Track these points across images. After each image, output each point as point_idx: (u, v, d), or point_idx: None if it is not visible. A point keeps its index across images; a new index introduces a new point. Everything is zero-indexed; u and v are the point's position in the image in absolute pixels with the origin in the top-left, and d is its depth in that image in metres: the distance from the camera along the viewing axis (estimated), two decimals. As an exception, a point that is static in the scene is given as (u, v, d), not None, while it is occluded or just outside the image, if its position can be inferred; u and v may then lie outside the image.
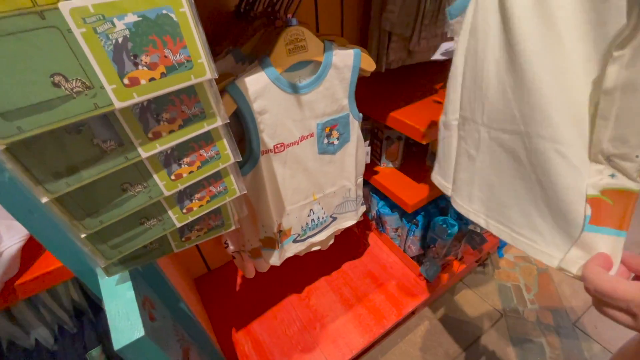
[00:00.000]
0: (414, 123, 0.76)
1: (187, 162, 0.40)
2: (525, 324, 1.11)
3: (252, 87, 0.49)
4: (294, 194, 0.67)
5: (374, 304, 1.00)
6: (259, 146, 0.55)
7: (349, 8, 0.88)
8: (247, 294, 1.06)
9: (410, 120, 0.77)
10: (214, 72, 0.35)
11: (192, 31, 0.32)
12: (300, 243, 0.77)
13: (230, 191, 0.48)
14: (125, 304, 0.46)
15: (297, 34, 0.50)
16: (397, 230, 1.10)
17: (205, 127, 0.39)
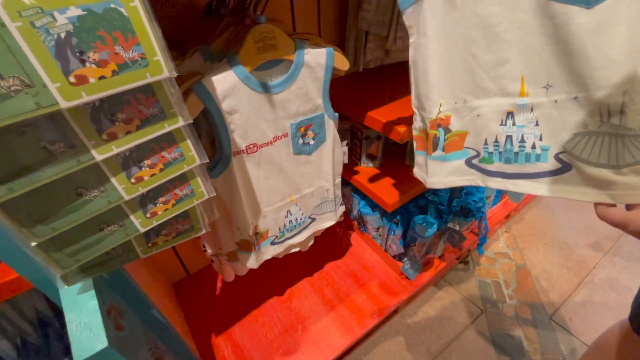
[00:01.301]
0: (391, 123, 0.76)
1: (148, 165, 0.39)
2: (504, 318, 1.13)
3: (220, 86, 0.47)
4: (270, 195, 0.65)
5: (356, 304, 1.00)
6: (230, 147, 0.54)
7: (325, 7, 0.88)
8: (227, 298, 1.04)
9: (387, 119, 0.77)
10: (173, 70, 0.34)
11: (145, 27, 0.30)
12: (279, 245, 0.76)
13: (198, 194, 0.46)
14: (88, 313, 0.44)
15: (266, 32, 0.48)
16: (378, 230, 1.10)
17: (166, 127, 0.37)
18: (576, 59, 0.33)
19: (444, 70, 0.44)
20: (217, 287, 1.08)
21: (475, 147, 0.45)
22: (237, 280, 0.87)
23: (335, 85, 0.62)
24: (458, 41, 0.41)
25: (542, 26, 0.35)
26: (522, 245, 1.39)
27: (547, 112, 0.38)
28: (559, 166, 0.38)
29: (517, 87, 0.39)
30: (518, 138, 0.41)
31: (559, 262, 1.31)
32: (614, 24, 0.31)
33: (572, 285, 1.23)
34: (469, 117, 0.44)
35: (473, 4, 0.39)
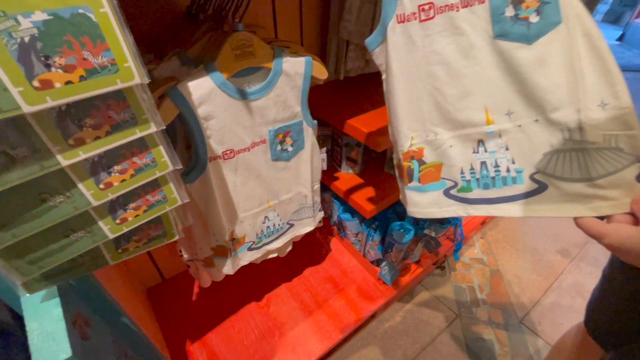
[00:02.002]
0: (369, 131, 0.77)
1: (118, 170, 0.38)
2: (478, 322, 1.17)
3: (196, 91, 0.47)
4: (247, 201, 0.65)
5: (334, 310, 1.01)
6: (205, 152, 0.53)
7: (308, 15, 0.89)
8: (203, 304, 1.03)
9: (366, 128, 0.79)
10: (145, 76, 0.33)
11: (115, 33, 0.30)
12: (256, 251, 0.75)
13: (171, 200, 0.45)
14: (51, 322, 0.43)
15: (245, 39, 0.49)
16: (357, 235, 1.11)
17: (137, 133, 0.37)
18: (529, 86, 0.38)
19: (413, 106, 0.46)
20: (194, 293, 1.06)
21: (451, 177, 0.46)
22: (214, 286, 0.85)
23: (316, 92, 0.63)
24: (422, 77, 0.44)
25: (494, 61, 0.39)
26: (496, 251, 1.44)
27: (513, 136, 0.41)
28: (535, 186, 0.41)
29: (482, 116, 0.42)
30: (492, 163, 0.43)
31: (529, 267, 1.36)
32: (552, 55, 0.36)
33: (542, 290, 1.28)
34: (442, 148, 0.46)
35: (431, 43, 0.42)
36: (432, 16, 0.41)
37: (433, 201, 0.48)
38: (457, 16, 0.39)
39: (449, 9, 0.40)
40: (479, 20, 0.39)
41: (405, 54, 0.44)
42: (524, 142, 0.40)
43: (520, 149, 0.41)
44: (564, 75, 0.35)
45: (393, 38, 0.43)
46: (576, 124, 0.36)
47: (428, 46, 0.42)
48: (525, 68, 0.37)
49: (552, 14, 0.35)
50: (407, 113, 0.47)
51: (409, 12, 0.42)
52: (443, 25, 0.40)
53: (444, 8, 0.40)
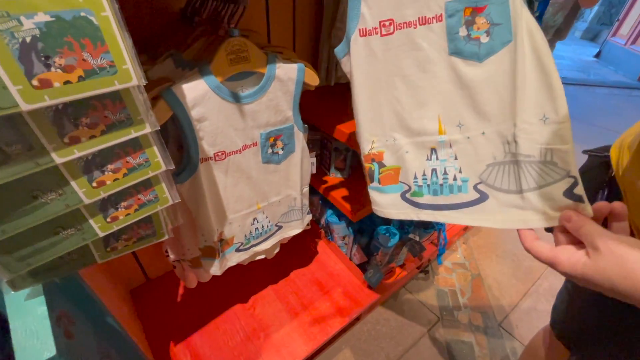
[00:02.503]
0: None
1: (111, 169, 0.38)
2: (459, 326, 1.20)
3: (190, 94, 0.48)
4: (237, 202, 0.66)
5: (319, 312, 1.02)
6: (197, 153, 0.54)
7: (301, 22, 0.91)
8: (188, 305, 1.02)
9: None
10: (142, 78, 0.34)
11: (115, 36, 0.31)
12: (244, 252, 0.76)
13: (162, 200, 0.46)
14: (35, 320, 0.42)
15: (239, 44, 0.50)
16: (344, 239, 1.13)
17: (132, 133, 0.37)
18: (478, 101, 0.41)
19: (374, 112, 0.48)
20: (178, 294, 1.05)
21: (406, 181, 0.49)
22: (199, 287, 0.85)
23: (307, 97, 0.65)
24: (383, 87, 0.47)
25: (448, 75, 0.42)
26: (478, 256, 1.48)
27: (462, 147, 0.44)
28: (477, 196, 0.43)
29: (435, 126, 0.45)
30: (441, 171, 0.46)
31: (509, 272, 1.41)
32: (500, 73, 0.39)
33: (520, 294, 1.32)
34: (399, 153, 0.49)
35: (391, 57, 0.44)
36: (392, 32, 0.43)
37: (392, 202, 0.51)
38: (415, 33, 0.42)
39: (407, 26, 0.42)
40: (436, 37, 0.41)
41: (367, 65, 0.46)
42: (471, 152, 0.43)
43: (468, 159, 0.44)
44: (509, 91, 0.38)
45: (356, 50, 0.46)
46: (512, 137, 0.39)
47: (388, 59, 0.45)
48: (475, 84, 0.40)
49: (503, 34, 0.38)
50: (369, 118, 0.49)
51: (370, 27, 0.44)
52: (402, 40, 0.43)
53: (403, 25, 0.42)
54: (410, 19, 0.42)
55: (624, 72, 3.59)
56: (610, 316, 0.51)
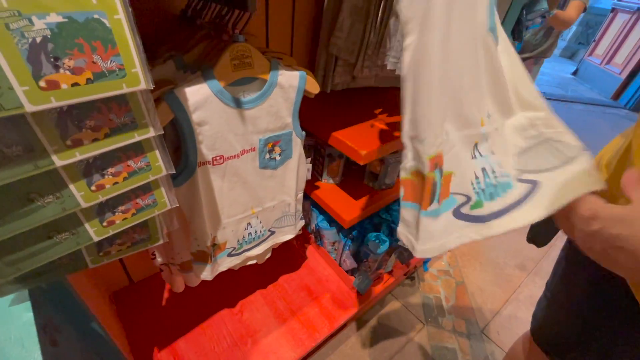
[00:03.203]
0: (353, 145, 0.80)
1: (111, 173, 0.37)
2: (443, 332, 1.22)
3: (192, 97, 0.47)
4: (232, 207, 0.65)
5: (308, 318, 1.01)
6: (196, 157, 0.53)
7: (299, 29, 0.91)
8: (174, 309, 0.99)
9: (350, 141, 0.81)
10: (150, 82, 0.34)
11: (127, 39, 0.30)
12: (236, 257, 0.75)
13: (160, 204, 0.45)
14: (21, 327, 0.41)
15: (244, 50, 0.50)
16: (334, 244, 1.14)
17: (135, 137, 0.36)
18: (498, 89, 0.37)
19: (452, 82, 0.36)
20: (163, 298, 1.02)
21: (463, 191, 0.37)
22: (185, 291, 0.83)
23: (303, 103, 0.65)
24: (464, 47, 0.35)
25: (485, 56, 0.36)
26: (462, 263, 1.52)
27: (495, 140, 0.38)
28: (529, 186, 0.36)
29: (479, 115, 0.36)
30: (491, 169, 0.37)
31: (491, 280, 1.45)
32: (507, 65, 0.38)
33: (501, 301, 1.36)
34: (451, 153, 0.37)
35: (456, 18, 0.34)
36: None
37: (445, 228, 0.38)
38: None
39: None
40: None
41: (450, 8, 0.34)
42: (502, 145, 0.37)
43: (501, 152, 0.37)
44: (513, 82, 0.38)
45: None
46: (528, 122, 0.37)
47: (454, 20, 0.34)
48: (499, 71, 0.36)
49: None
50: (441, 96, 0.36)
51: None
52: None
53: None
54: None
55: (599, 90, 3.78)
56: (587, 323, 0.53)
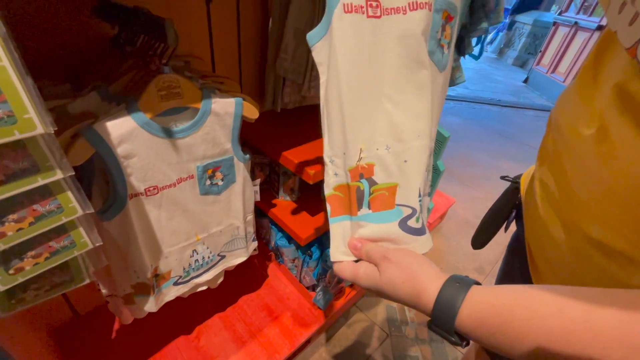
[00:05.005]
0: (303, 163, 0.81)
1: (13, 219, 0.35)
2: (406, 341, 1.25)
3: (115, 131, 0.46)
4: (173, 235, 0.64)
5: (268, 339, 1.00)
6: (125, 190, 0.52)
7: (246, 50, 0.91)
8: (125, 341, 0.94)
9: (300, 160, 0.82)
10: (49, 125, 0.32)
11: (14, 86, 0.29)
12: (183, 285, 0.73)
13: (80, 244, 0.43)
14: None
15: (171, 81, 0.49)
16: (294, 261, 1.13)
17: (39, 181, 0.35)
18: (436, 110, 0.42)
19: (362, 110, 0.39)
20: (113, 329, 0.97)
21: (409, 203, 0.39)
22: (137, 320, 0.80)
23: (255, 124, 0.65)
24: (371, 78, 0.38)
25: (430, 77, 0.38)
26: (424, 270, 1.56)
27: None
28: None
29: (427, 126, 0.39)
30: (428, 182, 0.40)
31: (451, 285, 1.50)
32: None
33: (461, 305, 1.41)
34: (395, 165, 0.39)
35: (380, 44, 0.37)
36: (379, 15, 0.36)
37: (388, 236, 0.39)
38: (405, 20, 0.36)
39: (395, 12, 0.36)
40: (423, 29, 0.36)
41: (355, 48, 0.37)
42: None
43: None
44: None
45: (340, 28, 0.37)
46: None
47: (377, 46, 0.37)
48: (437, 94, 0.40)
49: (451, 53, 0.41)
50: (356, 118, 0.39)
51: (356, 3, 0.36)
52: (390, 28, 0.36)
53: (391, 10, 0.36)
54: (399, 4, 0.36)
55: (547, 97, 4.08)
56: None
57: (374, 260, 0.36)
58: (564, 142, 0.36)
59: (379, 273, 0.35)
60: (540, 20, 4.87)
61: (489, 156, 2.65)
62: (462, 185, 2.20)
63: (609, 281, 0.31)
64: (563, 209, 0.35)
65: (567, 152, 0.35)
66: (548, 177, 0.38)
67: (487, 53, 6.05)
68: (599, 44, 0.34)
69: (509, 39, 5.68)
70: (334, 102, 0.39)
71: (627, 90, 0.27)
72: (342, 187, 0.41)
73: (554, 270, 0.39)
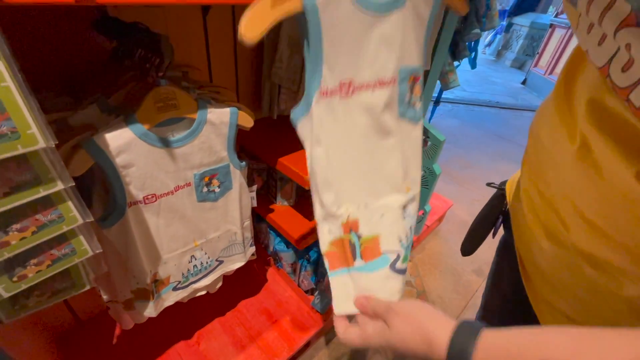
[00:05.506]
0: (298, 170, 0.83)
1: (17, 229, 0.37)
2: (405, 343, 1.25)
3: (114, 142, 0.48)
4: (171, 242, 0.65)
5: (267, 342, 1.01)
6: (124, 198, 0.53)
7: (243, 59, 0.94)
8: (126, 346, 0.96)
9: (296, 167, 0.84)
10: (50, 140, 0.34)
11: (18, 104, 0.31)
12: (182, 290, 0.74)
13: (80, 252, 0.45)
14: None
15: (167, 93, 0.51)
16: (292, 266, 1.14)
17: (41, 192, 0.36)
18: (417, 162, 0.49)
19: (342, 175, 0.45)
20: (114, 335, 0.98)
21: (394, 248, 0.46)
22: (138, 326, 0.81)
23: (251, 130, 0.66)
24: (349, 148, 0.45)
25: (400, 136, 0.46)
26: (422, 272, 1.57)
27: (414, 204, 0.49)
28: None
29: (399, 182, 0.47)
30: (412, 227, 0.49)
31: (450, 287, 1.51)
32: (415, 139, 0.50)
33: (460, 308, 1.42)
34: (374, 219, 0.45)
35: (352, 118, 0.44)
36: (352, 93, 0.43)
37: (382, 281, 0.45)
38: (373, 95, 0.43)
39: (365, 88, 0.43)
40: (390, 99, 0.44)
41: (331, 125, 0.44)
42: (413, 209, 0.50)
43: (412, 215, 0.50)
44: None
45: (318, 110, 0.43)
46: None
47: (349, 121, 0.44)
48: (415, 148, 0.47)
49: (422, 105, 0.46)
50: (340, 182, 0.45)
51: (331, 87, 0.42)
52: (361, 102, 0.43)
53: (361, 87, 0.43)
54: (368, 81, 0.42)
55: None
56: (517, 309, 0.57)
57: (380, 315, 0.37)
58: (546, 154, 0.37)
59: (387, 327, 0.35)
60: (537, 22, 4.89)
61: (488, 158, 2.66)
62: (460, 188, 2.21)
63: (599, 291, 0.32)
64: (550, 221, 0.35)
65: (550, 164, 0.36)
66: (533, 189, 0.39)
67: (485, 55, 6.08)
68: (571, 60, 0.35)
69: (506, 41, 5.71)
70: (319, 170, 0.45)
71: (603, 106, 0.27)
72: (336, 242, 0.47)
73: (544, 277, 0.39)
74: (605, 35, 0.24)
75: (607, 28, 0.24)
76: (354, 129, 0.45)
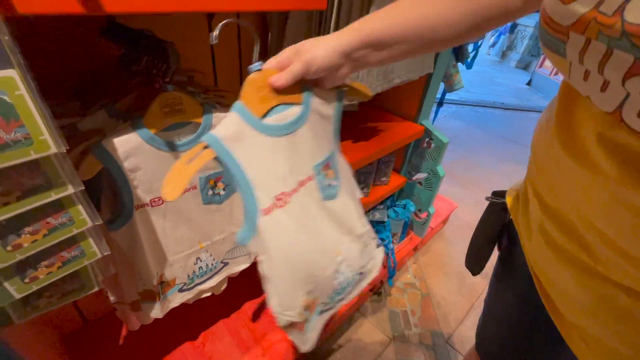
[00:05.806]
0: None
1: (29, 232, 0.38)
2: (410, 346, 1.25)
3: (122, 147, 0.49)
4: (177, 244, 0.66)
5: (271, 344, 1.01)
6: (132, 201, 0.54)
7: (247, 65, 0.95)
8: (132, 347, 0.97)
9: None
10: (62, 145, 0.35)
11: (31, 112, 0.32)
12: (187, 292, 0.75)
13: (89, 254, 0.46)
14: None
15: (174, 98, 0.52)
16: (296, 267, 1.15)
17: (52, 196, 0.38)
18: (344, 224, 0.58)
19: (290, 274, 0.52)
20: (121, 336, 0.99)
21: (325, 300, 0.58)
22: (145, 327, 0.82)
23: None
24: (296, 250, 0.50)
25: (327, 215, 0.54)
26: (427, 275, 1.57)
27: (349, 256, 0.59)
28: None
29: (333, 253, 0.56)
30: (346, 280, 0.59)
31: (455, 289, 1.51)
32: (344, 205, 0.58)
33: (464, 310, 1.41)
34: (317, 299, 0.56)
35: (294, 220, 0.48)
36: (288, 201, 0.48)
37: (318, 324, 0.58)
38: (301, 194, 0.49)
39: (294, 192, 0.48)
40: (313, 192, 0.51)
41: (277, 236, 0.47)
42: (354, 257, 0.60)
43: (356, 262, 0.61)
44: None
45: (264, 226, 0.45)
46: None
47: (292, 223, 0.48)
48: (338, 214, 0.55)
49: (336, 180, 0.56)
50: (293, 281, 0.53)
51: (268, 205, 0.46)
52: (295, 204, 0.48)
53: (291, 192, 0.48)
54: (294, 187, 0.48)
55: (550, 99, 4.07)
56: (518, 334, 0.57)
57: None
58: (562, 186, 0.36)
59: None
60: (542, 22, 4.86)
61: (492, 159, 2.65)
62: (465, 189, 2.20)
63: (634, 319, 0.31)
64: (578, 258, 0.34)
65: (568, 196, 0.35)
66: (550, 225, 0.38)
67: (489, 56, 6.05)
68: (564, 93, 0.35)
69: (511, 41, 5.68)
70: (274, 273, 0.51)
71: (616, 142, 0.27)
72: (293, 324, 0.56)
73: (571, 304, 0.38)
74: (608, 81, 0.24)
75: (610, 77, 0.23)
76: (295, 227, 0.49)
